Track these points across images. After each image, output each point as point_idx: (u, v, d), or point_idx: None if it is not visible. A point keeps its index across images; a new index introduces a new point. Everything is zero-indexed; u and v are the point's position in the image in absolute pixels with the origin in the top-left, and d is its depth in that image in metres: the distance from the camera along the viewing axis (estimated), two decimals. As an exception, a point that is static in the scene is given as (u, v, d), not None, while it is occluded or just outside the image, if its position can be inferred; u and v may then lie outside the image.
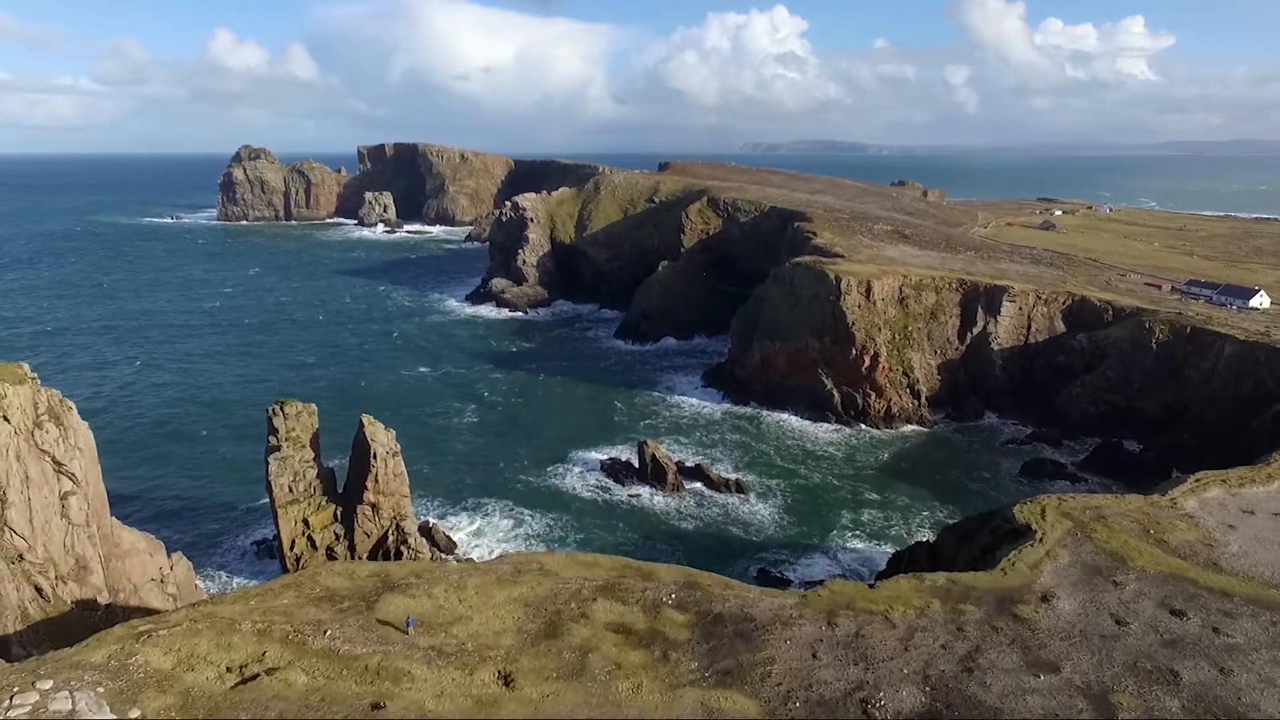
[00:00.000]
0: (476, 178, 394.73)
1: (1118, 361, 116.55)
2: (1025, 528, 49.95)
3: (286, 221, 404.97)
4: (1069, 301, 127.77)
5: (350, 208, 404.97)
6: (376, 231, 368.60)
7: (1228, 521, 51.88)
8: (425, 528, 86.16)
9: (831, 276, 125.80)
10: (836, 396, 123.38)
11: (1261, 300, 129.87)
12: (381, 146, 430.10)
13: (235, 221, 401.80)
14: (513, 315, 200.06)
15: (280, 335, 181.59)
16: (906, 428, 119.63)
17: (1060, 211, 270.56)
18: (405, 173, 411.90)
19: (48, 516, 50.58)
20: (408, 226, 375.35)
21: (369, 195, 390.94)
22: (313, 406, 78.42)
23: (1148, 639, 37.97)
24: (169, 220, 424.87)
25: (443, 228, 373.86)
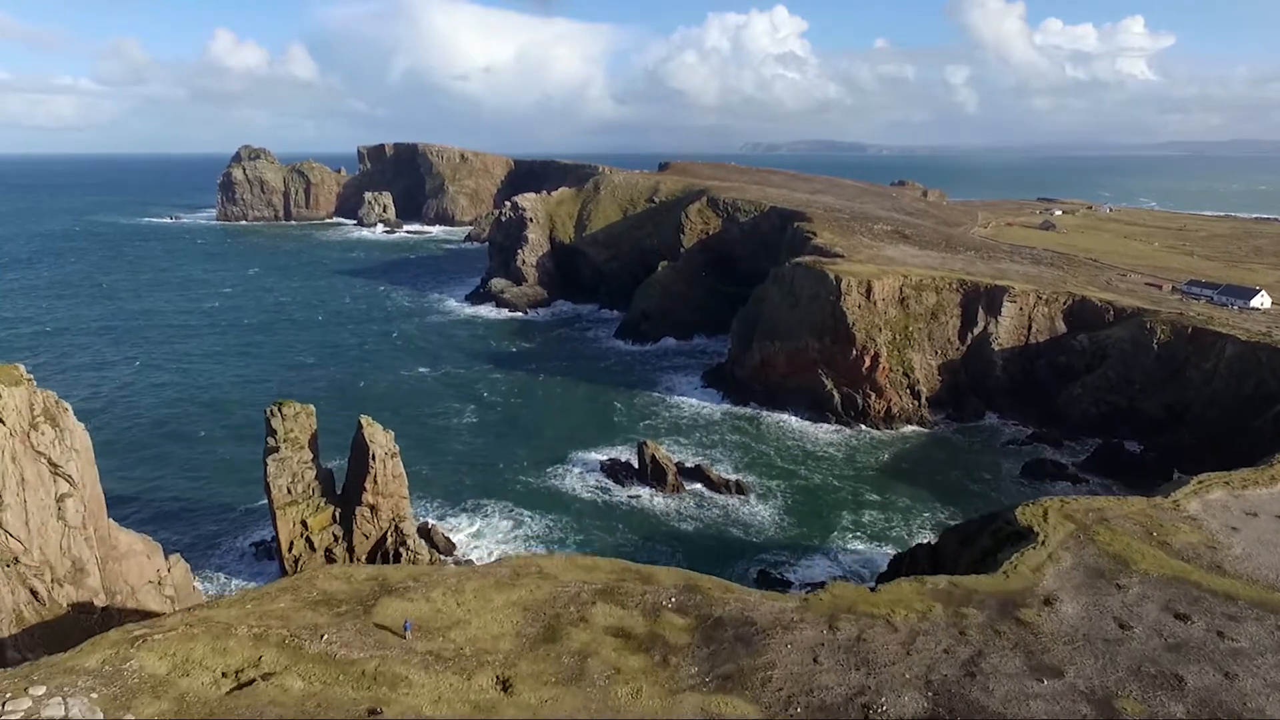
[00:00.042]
0: (476, 178, 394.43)
1: (1119, 362, 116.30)
2: (1027, 530, 49.64)
3: (286, 221, 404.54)
4: (1070, 302, 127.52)
5: (350, 208, 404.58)
6: (376, 231, 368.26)
7: (1231, 524, 51.55)
8: (424, 529, 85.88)
9: (831, 276, 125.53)
10: (837, 397, 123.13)
11: (1262, 300, 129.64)
12: (381, 146, 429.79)
13: (235, 221, 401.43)
14: (512, 315, 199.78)
15: (279, 335, 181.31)
16: (907, 428, 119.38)
17: (1060, 211, 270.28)
18: (405, 173, 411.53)
19: (43, 519, 50.25)
20: (407, 226, 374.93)
21: (369, 195, 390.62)
22: (311, 407, 78.22)
23: (1152, 643, 37.66)
24: (168, 220, 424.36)
25: (442, 228, 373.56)
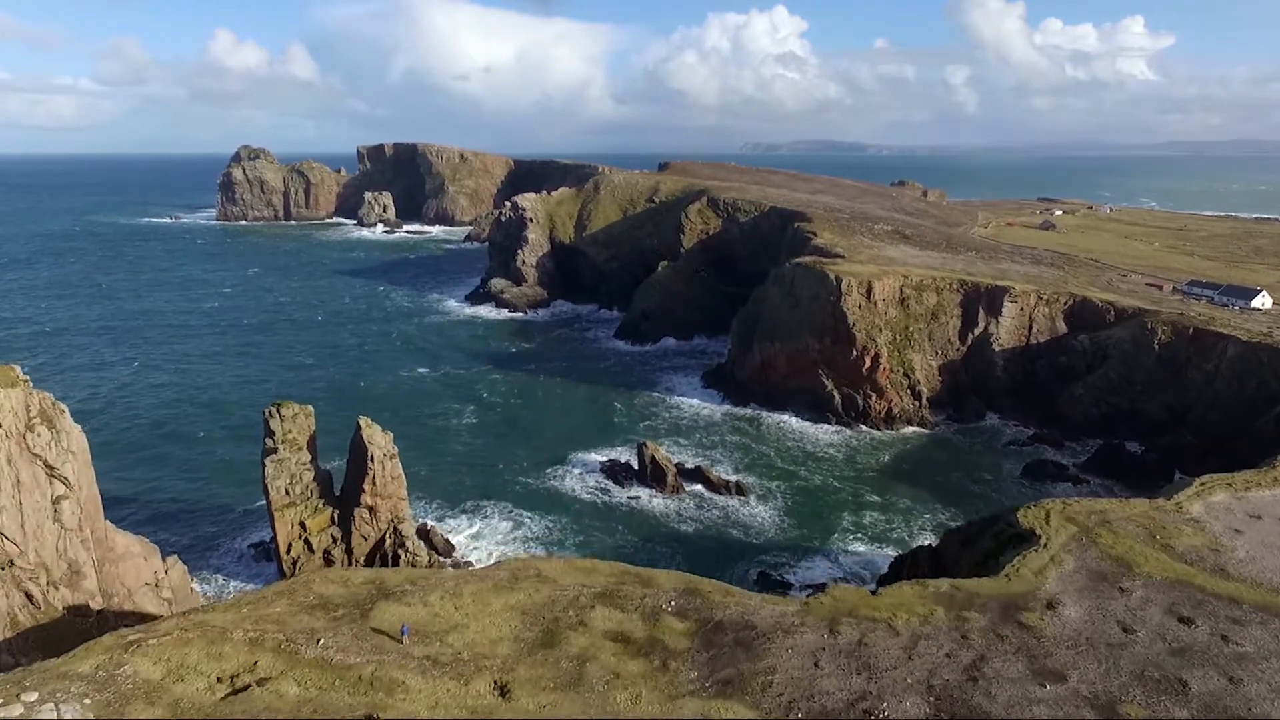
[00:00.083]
0: (476, 178, 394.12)
1: (1120, 362, 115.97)
2: (1029, 532, 49.33)
3: (286, 221, 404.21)
4: (1070, 302, 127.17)
5: (350, 208, 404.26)
6: (376, 231, 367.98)
7: (1234, 526, 51.24)
8: (423, 530, 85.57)
9: (832, 277, 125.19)
10: (837, 398, 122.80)
11: (1263, 300, 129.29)
12: (381, 146, 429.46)
13: (234, 221, 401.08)
14: (512, 316, 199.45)
15: (279, 336, 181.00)
16: (907, 429, 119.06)
17: (1060, 211, 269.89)
18: (405, 173, 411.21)
19: (39, 521, 49.98)
20: (407, 226, 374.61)
21: (368, 195, 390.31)
22: (309, 408, 77.91)
23: (1155, 647, 37.35)
24: (168, 220, 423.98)
25: (442, 228, 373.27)
